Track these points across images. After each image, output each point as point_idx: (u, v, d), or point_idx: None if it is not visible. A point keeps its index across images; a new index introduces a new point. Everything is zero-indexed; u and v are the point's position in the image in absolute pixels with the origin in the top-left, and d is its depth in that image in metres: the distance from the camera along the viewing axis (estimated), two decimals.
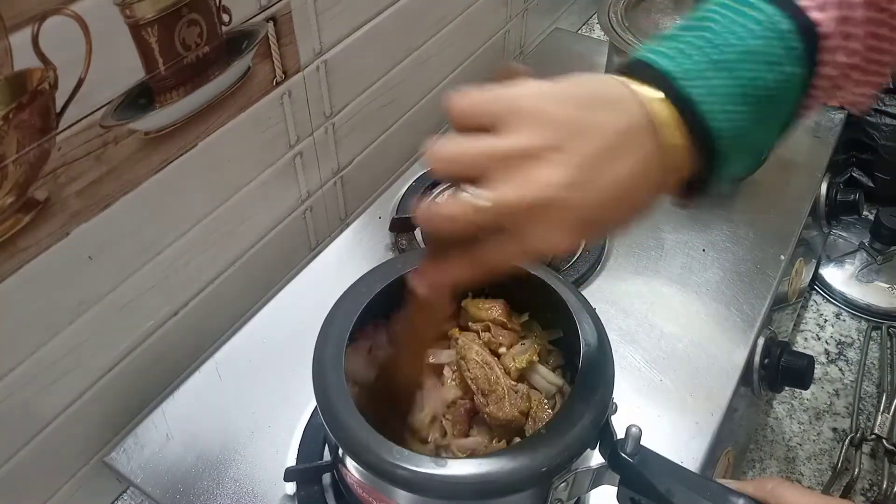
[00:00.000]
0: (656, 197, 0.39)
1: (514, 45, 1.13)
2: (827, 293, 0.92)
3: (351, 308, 0.51)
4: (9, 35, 0.46)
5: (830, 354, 0.86)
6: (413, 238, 0.74)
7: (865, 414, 0.80)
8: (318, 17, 0.70)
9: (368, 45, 0.79)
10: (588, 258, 0.72)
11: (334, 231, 0.89)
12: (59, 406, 0.62)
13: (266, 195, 0.75)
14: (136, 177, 0.60)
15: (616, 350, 0.65)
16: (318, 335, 0.50)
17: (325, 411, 0.46)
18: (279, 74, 0.69)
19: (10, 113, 0.48)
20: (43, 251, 0.55)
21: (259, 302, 0.79)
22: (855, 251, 0.95)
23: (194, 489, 0.57)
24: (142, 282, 0.64)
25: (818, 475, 0.75)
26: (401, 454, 0.43)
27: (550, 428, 0.44)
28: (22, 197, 0.51)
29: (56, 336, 0.59)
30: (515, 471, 0.42)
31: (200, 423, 0.61)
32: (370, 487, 0.48)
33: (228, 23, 0.61)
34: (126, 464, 0.59)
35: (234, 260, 0.75)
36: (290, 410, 0.61)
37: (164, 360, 0.71)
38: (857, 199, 0.84)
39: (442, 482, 0.42)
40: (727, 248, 0.75)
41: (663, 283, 0.71)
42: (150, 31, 0.55)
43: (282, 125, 0.73)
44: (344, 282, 0.54)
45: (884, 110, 0.96)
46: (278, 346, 0.66)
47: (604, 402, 0.46)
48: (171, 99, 0.59)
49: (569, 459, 0.44)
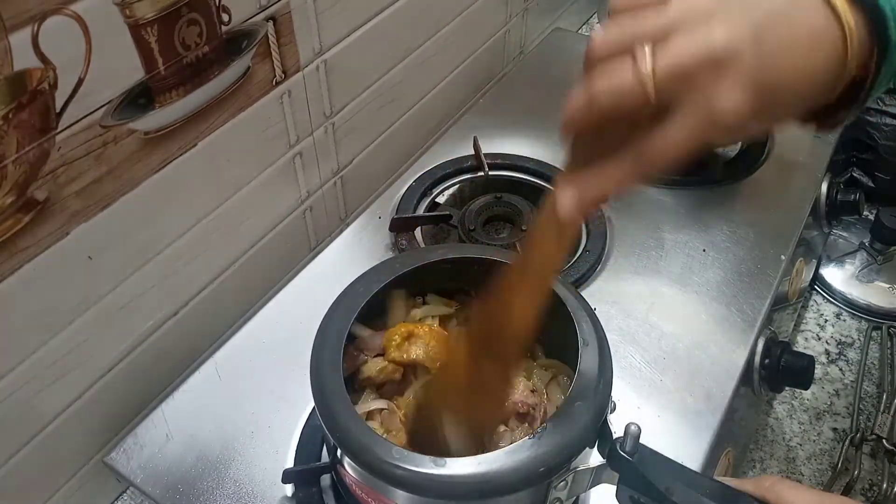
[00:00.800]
0: (829, 80, 0.37)
1: (514, 45, 1.13)
2: (827, 293, 0.92)
3: (349, 307, 0.51)
4: (9, 35, 0.46)
5: (831, 354, 0.86)
6: (413, 238, 0.74)
7: (865, 414, 0.80)
8: (318, 16, 0.70)
9: (368, 45, 0.79)
10: (588, 258, 0.72)
11: (334, 231, 0.89)
12: (59, 406, 0.62)
13: (266, 195, 0.75)
14: (136, 177, 0.60)
15: (616, 350, 0.65)
16: (316, 334, 0.50)
17: (323, 411, 0.46)
18: (279, 74, 0.69)
19: (9, 113, 0.48)
20: (43, 251, 0.55)
21: (259, 302, 0.79)
22: (855, 251, 0.95)
23: (194, 489, 0.57)
24: (142, 282, 0.64)
25: (818, 475, 0.75)
26: (399, 454, 0.43)
27: (549, 427, 0.44)
28: (22, 197, 0.51)
29: (56, 336, 0.59)
30: (514, 470, 0.42)
31: (200, 423, 0.61)
32: (368, 488, 0.48)
33: (228, 22, 0.61)
34: (126, 464, 0.59)
35: (234, 260, 0.75)
36: (289, 410, 0.61)
37: (164, 360, 0.71)
38: (858, 199, 0.84)
39: (441, 482, 0.42)
40: (727, 248, 0.75)
41: (663, 283, 0.71)
42: (150, 31, 0.55)
43: (281, 125, 0.73)
44: (344, 282, 0.54)
45: (884, 110, 0.96)
46: (278, 346, 0.66)
47: (602, 401, 0.46)
48: (171, 99, 0.59)
49: (568, 458, 0.44)
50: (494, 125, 0.89)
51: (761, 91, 0.35)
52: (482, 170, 0.81)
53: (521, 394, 0.51)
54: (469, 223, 0.74)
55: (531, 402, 0.51)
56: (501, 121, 0.90)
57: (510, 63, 1.14)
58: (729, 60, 0.34)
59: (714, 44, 0.34)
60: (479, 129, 0.86)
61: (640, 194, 0.80)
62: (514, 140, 0.87)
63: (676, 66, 0.34)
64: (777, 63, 0.35)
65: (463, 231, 0.73)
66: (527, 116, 0.91)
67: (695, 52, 0.34)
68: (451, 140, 0.87)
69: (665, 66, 0.34)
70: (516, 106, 0.93)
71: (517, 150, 0.84)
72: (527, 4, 1.10)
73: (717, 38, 0.34)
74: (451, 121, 1.03)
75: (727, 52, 0.34)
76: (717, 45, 0.34)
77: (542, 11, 1.17)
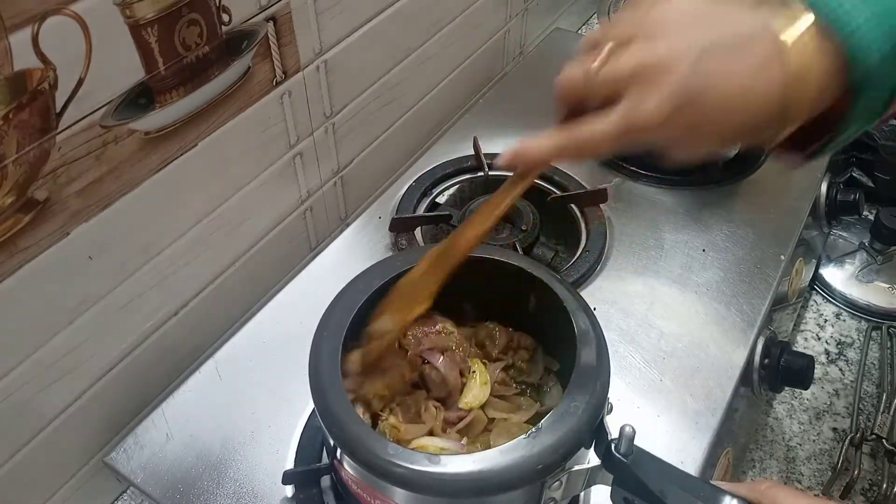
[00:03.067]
0: (772, 111, 0.40)
1: (514, 45, 1.13)
2: (827, 293, 0.92)
3: (348, 305, 0.51)
4: (9, 35, 0.46)
5: (830, 354, 0.86)
6: (413, 238, 0.74)
7: (865, 414, 0.80)
8: (318, 16, 0.70)
9: (368, 45, 0.79)
10: (588, 258, 0.72)
11: (334, 231, 0.89)
12: (59, 406, 0.62)
13: (266, 195, 0.75)
14: (136, 177, 0.60)
15: (616, 350, 0.65)
16: (315, 332, 0.50)
17: (322, 409, 0.46)
18: (279, 74, 0.69)
19: (10, 113, 0.48)
20: (43, 251, 0.55)
21: (259, 302, 0.79)
22: (855, 251, 0.95)
23: (194, 489, 0.57)
24: (142, 282, 0.64)
25: (818, 475, 0.75)
26: (396, 451, 0.43)
27: (545, 426, 0.44)
28: (22, 197, 0.51)
29: (56, 336, 0.59)
30: (509, 469, 0.42)
31: (200, 423, 0.61)
32: (365, 484, 0.48)
33: (228, 23, 0.61)
34: (126, 464, 0.59)
35: (234, 260, 0.75)
36: (290, 410, 0.61)
37: (164, 360, 0.71)
38: (857, 199, 0.84)
39: (436, 479, 0.42)
40: (727, 248, 0.75)
41: (663, 283, 0.71)
42: (150, 31, 0.55)
43: (282, 125, 0.73)
44: (344, 282, 0.54)
45: None
46: (278, 346, 0.66)
47: (599, 401, 0.46)
48: (171, 99, 0.59)
49: (563, 458, 0.44)
50: (494, 125, 0.89)
51: (684, 104, 0.39)
52: (482, 170, 0.81)
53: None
54: None
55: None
56: (501, 121, 0.90)
57: (510, 63, 1.14)
58: (661, 72, 0.39)
59: (654, 56, 0.40)
60: (479, 129, 0.86)
61: (641, 194, 0.81)
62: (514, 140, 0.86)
63: (616, 70, 0.41)
64: (710, 83, 0.39)
65: None
66: (527, 116, 0.91)
67: (636, 60, 0.40)
68: (451, 140, 0.87)
69: (609, 68, 0.41)
70: (516, 106, 0.93)
71: None
72: (527, 4, 1.10)
73: (659, 52, 0.40)
74: (451, 121, 1.03)
75: (662, 66, 0.39)
76: (655, 58, 0.40)
77: (542, 11, 1.17)
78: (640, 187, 0.81)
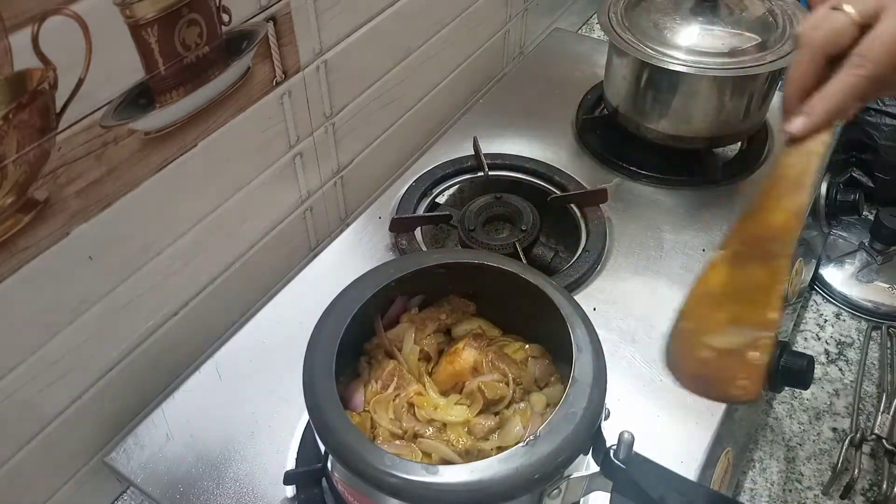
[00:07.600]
0: None
1: (513, 45, 1.13)
2: (827, 293, 0.92)
3: (342, 313, 0.51)
4: (9, 35, 0.46)
5: (830, 354, 0.86)
6: (413, 238, 0.74)
7: (865, 414, 0.80)
8: (318, 16, 0.70)
9: (368, 45, 0.79)
10: (588, 258, 0.72)
11: (334, 231, 0.89)
12: (59, 406, 0.62)
13: (266, 195, 0.75)
14: (136, 177, 0.60)
15: (616, 350, 0.65)
16: (309, 341, 0.49)
17: (316, 418, 0.45)
18: (279, 74, 0.69)
19: (10, 113, 0.48)
20: (43, 251, 0.55)
21: (259, 302, 0.79)
22: (855, 251, 0.95)
23: (194, 489, 0.57)
24: (142, 282, 0.64)
25: (818, 475, 0.75)
26: (391, 461, 0.42)
27: (543, 434, 0.44)
28: (22, 197, 0.51)
29: (56, 336, 0.59)
30: (507, 478, 0.42)
31: (200, 423, 0.61)
32: (361, 495, 0.47)
33: (228, 23, 0.61)
34: (126, 464, 0.59)
35: (234, 260, 0.75)
36: (290, 410, 0.61)
37: (164, 360, 0.71)
38: (857, 199, 0.84)
39: (433, 490, 0.42)
40: None
41: (663, 283, 0.71)
42: (150, 31, 0.55)
43: (282, 125, 0.73)
44: (344, 282, 0.54)
45: (884, 110, 0.96)
46: (278, 346, 0.66)
47: (597, 408, 0.45)
48: (171, 99, 0.59)
49: (561, 466, 0.44)
50: (494, 125, 0.89)
51: None
52: (482, 170, 0.81)
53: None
54: (469, 223, 0.74)
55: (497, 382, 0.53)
56: (501, 121, 0.90)
57: (510, 63, 1.14)
58: None
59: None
60: (479, 129, 0.86)
61: (640, 194, 0.81)
62: (514, 140, 0.87)
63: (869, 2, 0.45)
64: None
65: (463, 231, 0.73)
66: (527, 116, 0.91)
67: None
68: (451, 140, 0.87)
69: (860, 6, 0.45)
70: (516, 106, 0.93)
71: (517, 150, 0.84)
72: (527, 4, 1.10)
73: None
74: (450, 121, 1.03)
75: None
76: None
77: (542, 11, 1.17)
78: (640, 187, 0.81)
